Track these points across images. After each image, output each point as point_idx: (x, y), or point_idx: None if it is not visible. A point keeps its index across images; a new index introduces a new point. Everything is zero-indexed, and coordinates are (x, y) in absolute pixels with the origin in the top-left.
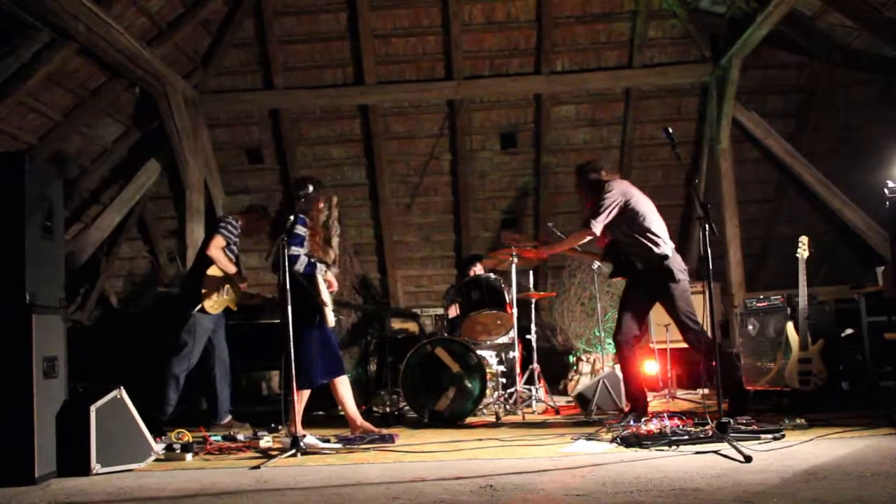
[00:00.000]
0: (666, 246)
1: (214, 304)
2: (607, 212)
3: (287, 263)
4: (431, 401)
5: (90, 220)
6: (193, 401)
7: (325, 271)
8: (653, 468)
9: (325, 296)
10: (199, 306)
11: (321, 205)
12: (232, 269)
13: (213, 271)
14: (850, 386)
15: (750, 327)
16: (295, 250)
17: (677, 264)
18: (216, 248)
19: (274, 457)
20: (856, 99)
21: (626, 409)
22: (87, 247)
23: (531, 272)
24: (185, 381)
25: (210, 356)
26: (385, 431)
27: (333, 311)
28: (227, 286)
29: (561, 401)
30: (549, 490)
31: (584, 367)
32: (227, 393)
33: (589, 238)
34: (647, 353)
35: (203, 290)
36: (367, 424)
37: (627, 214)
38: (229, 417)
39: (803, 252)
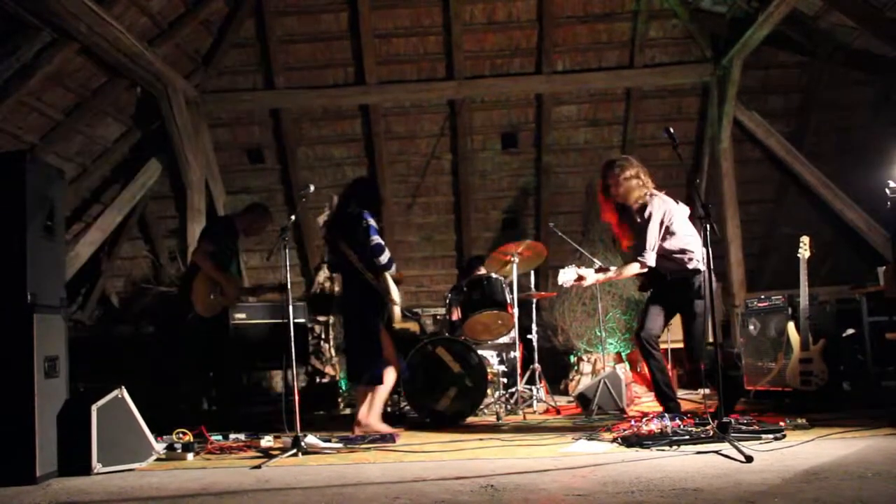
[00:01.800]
0: (698, 262)
1: (207, 307)
2: (655, 241)
3: (373, 252)
4: (432, 400)
5: (91, 220)
6: (197, 400)
7: (395, 269)
8: (654, 468)
9: (395, 293)
10: (192, 311)
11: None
12: (217, 275)
13: (202, 275)
14: (852, 386)
15: (751, 327)
16: (380, 240)
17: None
18: (202, 254)
19: (275, 456)
20: (857, 99)
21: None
22: (87, 247)
23: (532, 272)
24: (188, 382)
25: (218, 361)
26: (386, 431)
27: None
28: (218, 289)
29: (562, 401)
30: (550, 490)
31: (585, 367)
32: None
33: (642, 270)
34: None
35: (193, 295)
36: (379, 427)
37: (667, 233)
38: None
39: (804, 252)
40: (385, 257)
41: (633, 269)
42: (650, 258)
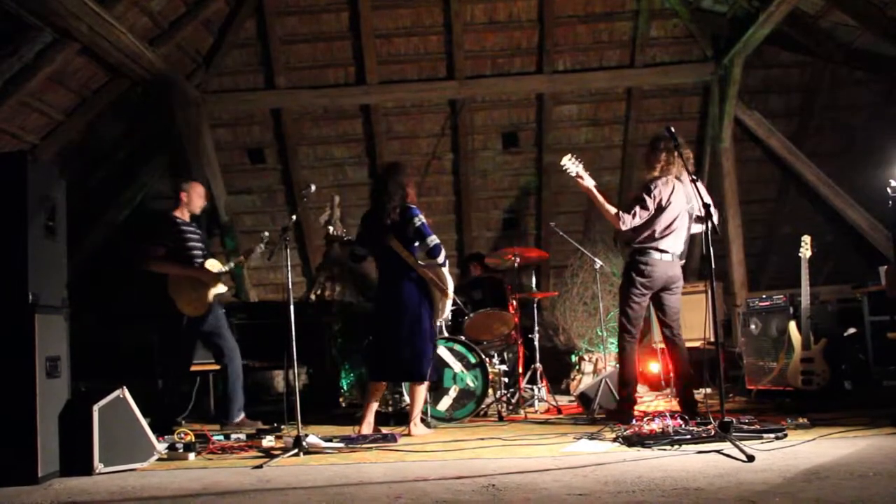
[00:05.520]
0: (651, 250)
1: (189, 305)
2: (637, 216)
3: (432, 253)
4: (434, 400)
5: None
6: (199, 400)
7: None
8: (655, 467)
9: (451, 287)
10: (177, 311)
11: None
12: (179, 272)
13: (172, 277)
14: (853, 385)
15: (752, 327)
16: (437, 239)
17: (634, 266)
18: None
19: (276, 456)
20: (858, 98)
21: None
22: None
23: (533, 271)
24: (189, 382)
25: (221, 356)
26: (387, 431)
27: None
28: (196, 283)
29: (563, 400)
30: (552, 489)
31: (587, 367)
32: (240, 393)
33: (616, 224)
34: (649, 352)
35: (171, 297)
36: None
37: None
38: (242, 416)
39: (806, 251)
40: (443, 256)
41: (612, 214)
42: (626, 219)
